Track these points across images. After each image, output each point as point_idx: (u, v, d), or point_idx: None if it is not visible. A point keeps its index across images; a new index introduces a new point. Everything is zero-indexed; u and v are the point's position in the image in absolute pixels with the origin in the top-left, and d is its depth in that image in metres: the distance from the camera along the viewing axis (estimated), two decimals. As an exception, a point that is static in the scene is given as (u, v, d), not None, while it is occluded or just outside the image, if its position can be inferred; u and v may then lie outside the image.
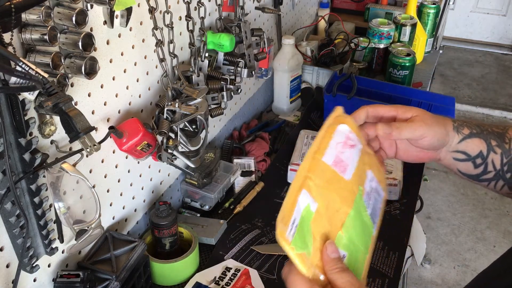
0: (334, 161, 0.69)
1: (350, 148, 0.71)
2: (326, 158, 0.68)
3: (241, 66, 1.32)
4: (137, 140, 1.02)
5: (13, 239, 0.82)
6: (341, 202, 0.66)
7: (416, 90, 1.78)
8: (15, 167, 0.79)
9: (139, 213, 1.22)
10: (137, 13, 1.01)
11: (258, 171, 1.49)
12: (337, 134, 0.72)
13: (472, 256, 2.65)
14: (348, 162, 0.70)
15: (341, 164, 0.69)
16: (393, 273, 1.18)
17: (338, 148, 0.70)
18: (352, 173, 0.70)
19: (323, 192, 0.65)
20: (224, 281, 1.13)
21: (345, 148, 0.71)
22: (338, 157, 0.69)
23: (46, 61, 0.77)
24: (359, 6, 2.46)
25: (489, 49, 4.76)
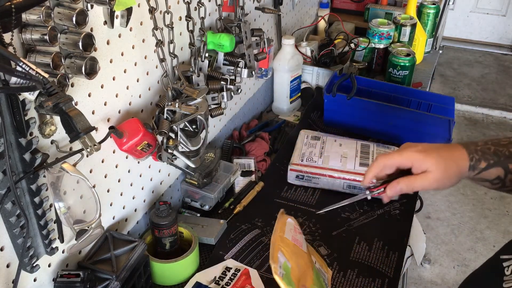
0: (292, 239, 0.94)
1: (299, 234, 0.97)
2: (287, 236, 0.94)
3: (241, 66, 1.32)
4: (137, 140, 1.02)
5: (13, 239, 0.82)
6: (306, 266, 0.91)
7: (416, 90, 1.78)
8: (15, 167, 0.79)
9: (139, 213, 1.22)
10: (137, 13, 1.02)
11: (258, 171, 1.49)
12: (288, 224, 0.98)
13: (471, 256, 2.65)
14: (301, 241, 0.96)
15: (297, 242, 0.94)
16: (393, 273, 1.18)
17: (292, 232, 0.96)
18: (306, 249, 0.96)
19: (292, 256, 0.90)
20: (224, 281, 1.13)
21: (296, 233, 0.97)
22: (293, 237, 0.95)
23: (46, 61, 0.77)
24: (359, 6, 2.46)
25: (489, 49, 4.76)
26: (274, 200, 1.40)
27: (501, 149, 0.85)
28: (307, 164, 1.43)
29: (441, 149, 0.86)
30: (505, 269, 0.78)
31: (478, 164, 0.85)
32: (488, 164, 0.85)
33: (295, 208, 1.37)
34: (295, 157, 1.46)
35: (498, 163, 0.85)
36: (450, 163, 0.84)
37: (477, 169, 0.85)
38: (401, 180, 0.87)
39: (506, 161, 0.84)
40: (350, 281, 1.16)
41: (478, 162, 0.85)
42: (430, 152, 0.85)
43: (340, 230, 1.30)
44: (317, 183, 1.43)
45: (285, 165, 1.47)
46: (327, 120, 1.72)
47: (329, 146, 1.50)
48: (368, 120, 1.63)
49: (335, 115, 1.69)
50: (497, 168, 0.85)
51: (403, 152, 0.86)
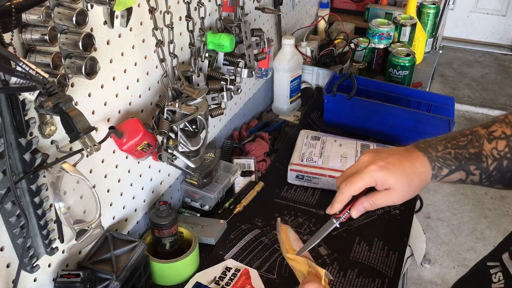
0: None
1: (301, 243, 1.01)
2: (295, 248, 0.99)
3: (241, 66, 1.32)
4: (137, 140, 1.02)
5: (13, 239, 0.82)
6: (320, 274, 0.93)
7: (416, 90, 1.78)
8: (15, 167, 0.79)
9: (139, 213, 1.22)
10: (137, 13, 1.02)
11: (258, 171, 1.49)
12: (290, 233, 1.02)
13: (471, 256, 2.65)
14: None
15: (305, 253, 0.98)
16: (393, 273, 1.18)
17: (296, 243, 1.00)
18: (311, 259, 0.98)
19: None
20: (224, 281, 1.13)
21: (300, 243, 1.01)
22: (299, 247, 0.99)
23: (46, 61, 0.77)
24: (359, 6, 2.46)
25: (489, 49, 4.77)
26: (274, 200, 1.40)
27: (461, 152, 0.83)
28: (307, 164, 1.43)
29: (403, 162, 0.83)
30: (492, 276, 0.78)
31: (440, 172, 0.83)
32: (450, 171, 0.84)
33: (295, 208, 1.37)
34: (295, 157, 1.46)
35: (459, 168, 0.83)
36: (413, 177, 0.82)
37: (439, 176, 0.84)
38: (364, 200, 0.85)
39: (467, 164, 0.83)
40: (350, 281, 1.16)
41: (440, 170, 0.83)
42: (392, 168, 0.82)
43: (340, 230, 1.30)
44: (317, 183, 1.43)
45: (285, 165, 1.47)
46: (327, 120, 1.72)
47: (329, 146, 1.50)
48: (368, 120, 1.63)
49: (335, 115, 1.69)
50: (459, 172, 0.84)
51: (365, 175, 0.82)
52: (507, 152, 0.81)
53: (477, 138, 0.83)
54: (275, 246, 1.24)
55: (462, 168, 0.83)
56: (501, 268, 0.78)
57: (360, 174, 0.82)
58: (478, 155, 0.83)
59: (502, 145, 0.82)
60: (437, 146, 0.84)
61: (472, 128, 0.85)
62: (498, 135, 0.83)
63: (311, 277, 0.88)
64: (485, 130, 0.83)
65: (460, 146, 0.84)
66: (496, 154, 0.82)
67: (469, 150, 0.83)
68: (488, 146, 0.82)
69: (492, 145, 0.82)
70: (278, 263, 1.20)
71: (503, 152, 0.82)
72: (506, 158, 0.82)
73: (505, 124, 0.82)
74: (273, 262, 1.20)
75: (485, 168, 0.83)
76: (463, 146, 0.83)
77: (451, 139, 0.85)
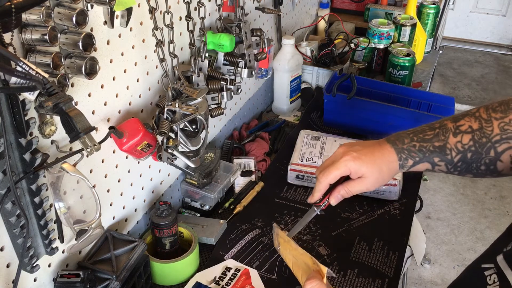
0: None
1: None
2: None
3: (241, 66, 1.32)
4: (137, 140, 1.02)
5: (13, 239, 0.82)
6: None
7: (416, 90, 1.78)
8: (15, 167, 0.79)
9: (139, 213, 1.22)
10: (137, 13, 1.02)
11: (258, 171, 1.49)
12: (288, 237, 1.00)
13: (471, 256, 2.65)
14: None
15: None
16: (393, 273, 1.18)
17: None
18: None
19: None
20: (224, 281, 1.13)
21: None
22: None
23: (46, 61, 0.77)
24: (359, 6, 2.46)
25: (489, 49, 4.77)
26: (274, 200, 1.40)
27: (425, 145, 0.89)
28: (307, 164, 1.43)
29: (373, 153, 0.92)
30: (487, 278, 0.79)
31: (406, 162, 0.91)
32: (414, 162, 0.90)
33: (295, 208, 1.37)
34: (295, 157, 1.46)
35: (423, 159, 0.90)
36: (383, 166, 0.91)
37: (406, 167, 0.91)
38: (340, 188, 0.94)
39: (431, 157, 0.89)
40: (350, 281, 1.16)
41: (406, 161, 0.91)
42: (364, 158, 0.91)
43: (340, 230, 1.30)
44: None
45: (285, 165, 1.47)
46: (327, 120, 1.72)
47: (329, 146, 1.50)
48: (368, 120, 1.63)
49: (335, 115, 1.69)
50: (424, 163, 0.90)
51: (339, 164, 0.91)
52: (471, 145, 0.85)
53: (444, 131, 0.88)
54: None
55: (426, 160, 0.89)
56: (496, 270, 0.78)
57: (336, 164, 0.92)
58: (442, 148, 0.88)
59: (467, 138, 0.86)
60: (404, 139, 0.91)
61: (442, 121, 0.90)
62: (464, 129, 0.87)
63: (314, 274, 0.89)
64: (454, 124, 0.88)
65: (425, 139, 0.90)
66: (460, 147, 0.87)
67: (434, 144, 0.89)
68: (453, 139, 0.87)
69: (457, 139, 0.87)
70: (278, 263, 1.20)
71: (467, 146, 0.86)
72: (470, 151, 0.86)
73: (474, 118, 0.86)
74: (273, 262, 1.20)
75: (450, 159, 0.88)
76: (428, 139, 0.89)
77: (418, 132, 0.91)
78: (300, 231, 1.29)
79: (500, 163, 0.84)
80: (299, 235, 1.28)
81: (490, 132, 0.84)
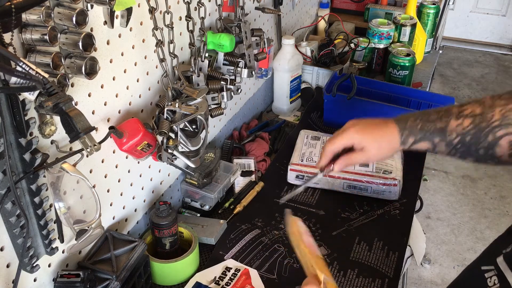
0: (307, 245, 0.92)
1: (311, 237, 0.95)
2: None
3: (241, 66, 1.32)
4: (137, 140, 1.02)
5: (13, 239, 0.82)
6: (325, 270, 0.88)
7: (416, 90, 1.78)
8: (15, 167, 0.79)
9: (139, 213, 1.22)
10: (137, 13, 1.02)
11: (258, 171, 1.49)
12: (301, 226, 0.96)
13: (471, 256, 2.65)
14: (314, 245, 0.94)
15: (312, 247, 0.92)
16: (393, 273, 1.18)
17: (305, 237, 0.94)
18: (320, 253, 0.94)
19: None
20: (224, 281, 1.13)
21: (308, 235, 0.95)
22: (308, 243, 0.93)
23: (46, 61, 0.77)
24: (359, 6, 2.46)
25: (489, 49, 4.77)
26: (274, 200, 1.40)
27: (428, 125, 0.94)
28: (307, 164, 1.43)
29: (376, 128, 0.99)
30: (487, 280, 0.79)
31: (407, 139, 0.96)
32: (415, 140, 0.95)
33: (295, 208, 1.37)
34: (295, 157, 1.46)
35: (424, 138, 0.94)
36: (383, 141, 0.98)
37: (407, 143, 0.97)
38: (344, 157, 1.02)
39: (431, 136, 0.93)
40: (350, 281, 1.16)
41: (407, 138, 0.96)
42: (366, 131, 0.99)
43: (340, 230, 1.30)
44: (317, 183, 1.43)
45: (285, 165, 1.47)
46: (327, 120, 1.72)
47: (329, 146, 1.50)
48: (368, 120, 1.63)
49: (335, 115, 1.69)
50: (424, 142, 0.94)
51: (344, 135, 1.00)
52: (471, 129, 0.89)
53: (447, 115, 0.93)
54: (275, 246, 1.24)
55: (427, 139, 0.94)
56: (496, 272, 0.78)
57: (342, 134, 1.01)
58: (443, 130, 0.92)
59: (468, 122, 0.90)
60: (409, 118, 0.97)
61: (449, 106, 0.95)
62: (467, 113, 0.91)
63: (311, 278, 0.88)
64: (458, 108, 0.92)
65: (429, 120, 0.95)
66: (460, 130, 0.91)
67: (436, 125, 0.94)
68: (454, 122, 0.91)
69: (458, 122, 0.91)
70: (278, 263, 1.20)
71: (467, 129, 0.90)
72: (469, 134, 0.89)
73: (479, 103, 0.90)
74: (273, 262, 1.20)
75: (449, 141, 0.92)
76: (431, 120, 0.95)
77: (424, 114, 0.97)
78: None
79: (499, 149, 0.86)
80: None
81: (490, 117, 0.87)
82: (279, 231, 1.29)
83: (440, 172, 3.24)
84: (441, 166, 3.29)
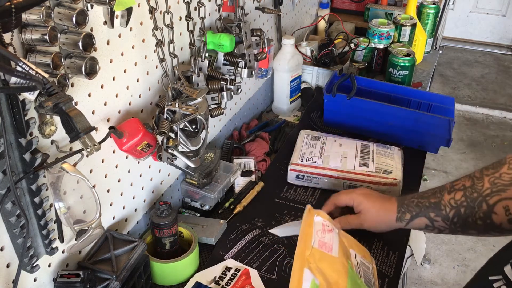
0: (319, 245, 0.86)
1: (329, 233, 0.90)
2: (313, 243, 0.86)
3: (241, 66, 1.32)
4: (137, 140, 1.02)
5: (13, 239, 0.83)
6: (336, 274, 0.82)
7: (416, 90, 1.78)
8: (15, 167, 0.79)
9: (139, 213, 1.22)
10: (137, 13, 1.02)
11: (258, 171, 1.49)
12: (315, 224, 0.92)
13: (471, 256, 2.65)
14: (332, 242, 0.88)
15: (326, 246, 0.87)
16: (393, 273, 1.18)
17: (319, 234, 0.89)
18: (337, 250, 0.88)
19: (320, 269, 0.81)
20: (224, 281, 1.13)
21: (325, 233, 0.90)
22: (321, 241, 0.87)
23: (46, 61, 0.77)
24: (359, 6, 2.46)
25: (489, 49, 4.77)
26: (274, 200, 1.40)
27: (423, 201, 1.01)
28: (307, 164, 1.43)
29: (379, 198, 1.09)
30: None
31: (403, 216, 1.04)
32: (411, 216, 1.02)
33: (295, 208, 1.37)
34: (295, 157, 1.46)
35: (420, 214, 1.01)
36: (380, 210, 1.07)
37: (403, 220, 1.04)
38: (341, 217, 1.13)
39: (427, 211, 1.00)
40: (350, 281, 1.16)
41: (404, 214, 1.04)
42: (369, 198, 1.09)
43: (340, 230, 1.30)
44: (317, 183, 1.43)
45: (285, 165, 1.47)
46: (327, 120, 1.72)
47: (329, 146, 1.50)
48: (368, 120, 1.63)
49: (335, 115, 1.69)
50: (420, 218, 1.01)
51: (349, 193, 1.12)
52: (463, 201, 0.94)
53: (440, 190, 1.00)
54: (275, 246, 1.24)
55: (422, 214, 1.01)
56: (505, 281, 0.78)
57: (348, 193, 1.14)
58: (437, 204, 0.99)
59: (459, 195, 0.95)
60: (407, 197, 1.06)
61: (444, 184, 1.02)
62: (458, 187, 0.97)
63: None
64: (450, 184, 0.99)
65: (423, 197, 1.03)
66: (453, 203, 0.96)
67: (430, 200, 1.01)
68: (447, 196, 0.98)
69: (451, 196, 0.97)
70: (278, 263, 1.20)
71: (459, 201, 0.95)
72: (462, 206, 0.94)
73: (468, 177, 0.96)
74: (273, 262, 1.20)
75: (445, 215, 0.97)
76: (426, 197, 1.02)
77: (420, 193, 1.05)
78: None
79: (495, 216, 0.88)
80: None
81: (480, 187, 0.91)
82: (279, 231, 1.29)
83: (440, 172, 3.24)
84: (441, 166, 3.29)
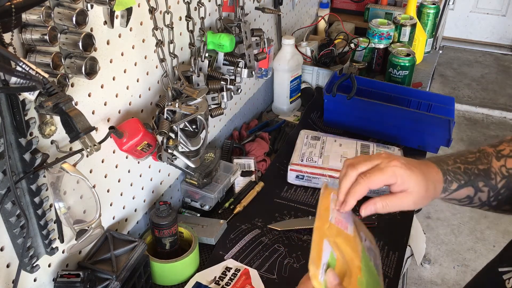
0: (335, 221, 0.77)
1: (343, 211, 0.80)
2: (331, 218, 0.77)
3: (241, 66, 1.32)
4: (137, 140, 1.02)
5: (13, 239, 0.82)
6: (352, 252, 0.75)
7: (416, 90, 1.78)
8: (15, 167, 0.79)
9: (139, 213, 1.22)
10: (137, 13, 1.02)
11: (258, 171, 1.49)
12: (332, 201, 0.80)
13: (471, 256, 2.65)
14: (347, 221, 0.79)
15: (342, 223, 0.78)
16: (393, 273, 1.18)
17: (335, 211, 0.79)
18: (352, 230, 0.79)
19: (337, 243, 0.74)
20: (224, 281, 1.13)
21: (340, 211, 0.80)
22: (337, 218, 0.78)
23: (46, 61, 0.77)
24: (359, 6, 2.46)
25: (489, 49, 4.77)
26: (274, 200, 1.40)
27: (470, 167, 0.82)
28: (307, 164, 1.43)
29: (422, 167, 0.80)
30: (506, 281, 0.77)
31: (450, 185, 0.82)
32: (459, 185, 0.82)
33: (295, 208, 1.37)
34: (295, 157, 1.46)
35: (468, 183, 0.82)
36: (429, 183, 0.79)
37: (448, 190, 0.82)
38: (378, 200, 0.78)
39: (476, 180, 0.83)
40: (350, 281, 1.16)
41: (450, 184, 0.82)
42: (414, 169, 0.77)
43: (340, 230, 1.30)
44: (317, 183, 1.43)
45: (285, 165, 1.47)
46: (327, 120, 1.72)
47: (329, 146, 1.50)
48: (368, 120, 1.63)
49: (335, 115, 1.69)
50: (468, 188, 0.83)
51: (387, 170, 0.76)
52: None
53: (485, 155, 0.84)
54: (275, 246, 1.24)
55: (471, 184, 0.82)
56: None
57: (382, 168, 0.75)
58: (486, 172, 0.82)
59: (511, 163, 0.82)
60: (447, 161, 0.82)
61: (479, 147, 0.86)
62: (506, 153, 0.83)
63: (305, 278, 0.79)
64: (493, 148, 0.84)
65: (469, 162, 0.83)
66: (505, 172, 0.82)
67: (478, 166, 0.83)
68: (497, 163, 0.82)
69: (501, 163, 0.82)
70: (278, 263, 1.20)
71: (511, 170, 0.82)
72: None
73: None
74: (273, 262, 1.20)
75: (494, 185, 0.82)
76: (472, 162, 0.83)
77: (459, 156, 0.84)
78: (300, 231, 1.29)
79: None
80: (299, 235, 1.28)
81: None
82: (279, 231, 1.29)
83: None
84: (441, 166, 3.29)
